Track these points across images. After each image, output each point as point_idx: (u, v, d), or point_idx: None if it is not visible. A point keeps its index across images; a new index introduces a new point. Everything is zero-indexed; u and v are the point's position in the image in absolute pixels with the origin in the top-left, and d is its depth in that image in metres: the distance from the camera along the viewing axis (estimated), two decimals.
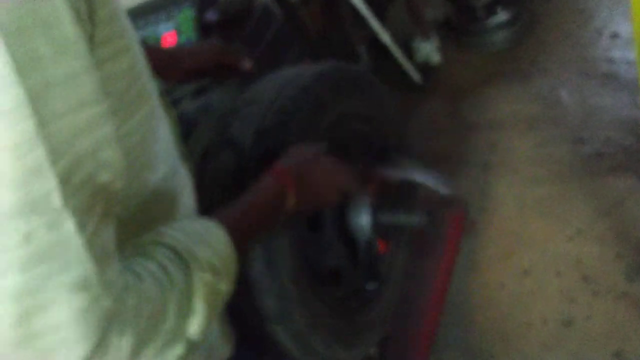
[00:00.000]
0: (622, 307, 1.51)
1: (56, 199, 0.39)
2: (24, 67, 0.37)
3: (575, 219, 1.78)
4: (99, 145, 0.43)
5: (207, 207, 0.95)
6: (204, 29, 1.43)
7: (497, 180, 2.05)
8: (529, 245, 1.80)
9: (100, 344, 0.43)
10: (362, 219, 1.08)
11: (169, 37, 1.49)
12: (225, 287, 0.57)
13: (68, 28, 0.40)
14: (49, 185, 0.39)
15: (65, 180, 0.40)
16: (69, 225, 0.40)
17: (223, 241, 0.59)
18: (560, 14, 2.51)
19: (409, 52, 2.59)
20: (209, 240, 0.57)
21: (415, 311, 1.73)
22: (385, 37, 2.38)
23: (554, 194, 1.88)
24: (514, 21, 2.48)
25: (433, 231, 1.88)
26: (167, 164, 0.63)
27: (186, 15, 1.45)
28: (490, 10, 2.43)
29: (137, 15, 1.58)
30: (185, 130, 1.38)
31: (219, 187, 0.92)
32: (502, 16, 2.45)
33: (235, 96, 1.35)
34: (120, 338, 0.44)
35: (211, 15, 1.38)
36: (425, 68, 2.64)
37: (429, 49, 2.51)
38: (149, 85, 0.57)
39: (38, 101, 0.38)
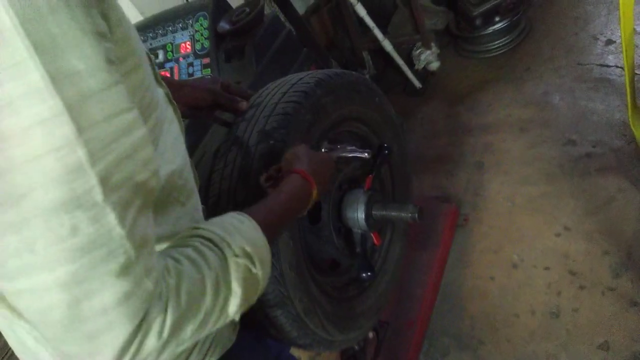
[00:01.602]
0: (608, 301, 1.52)
1: (98, 195, 0.42)
2: (59, 81, 0.40)
3: (564, 217, 1.79)
4: (136, 146, 0.46)
5: (216, 200, 0.99)
6: (217, 37, 1.47)
7: (490, 179, 2.07)
8: (518, 241, 1.81)
9: (142, 324, 0.45)
10: (357, 213, 1.12)
11: (185, 46, 1.54)
12: (260, 272, 0.58)
13: (95, 45, 0.43)
14: (90, 183, 0.42)
15: (105, 179, 0.43)
16: (111, 218, 0.43)
17: (255, 231, 0.61)
18: (556, 21, 2.51)
19: (410, 59, 2.62)
20: (242, 230, 0.59)
21: (411, 300, 1.75)
22: (387, 45, 2.41)
23: (544, 192, 1.89)
24: (511, 29, 2.48)
25: (428, 226, 1.91)
26: (181, 156, 0.67)
27: (201, 24, 1.49)
28: (488, 19, 2.44)
29: (154, 24, 1.63)
30: (200, 130, 1.43)
31: (227, 181, 0.95)
32: (499, 24, 2.45)
33: None
34: (161, 316, 0.46)
35: (224, 25, 1.42)
36: (425, 74, 2.66)
37: (429, 56, 2.52)
38: (155, 92, 0.60)
39: (74, 110, 0.41)
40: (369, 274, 1.09)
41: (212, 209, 0.98)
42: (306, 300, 0.98)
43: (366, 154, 1.03)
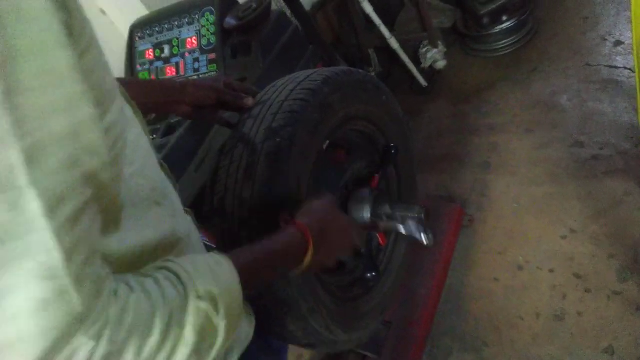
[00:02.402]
0: (614, 305, 1.51)
1: (21, 176, 0.35)
2: None
3: (570, 219, 1.77)
4: (80, 127, 0.39)
5: (221, 197, 0.98)
6: (223, 33, 1.46)
7: (496, 180, 2.05)
8: (524, 243, 1.80)
9: (63, 345, 0.37)
10: (363, 213, 1.11)
11: (191, 41, 1.53)
12: (222, 323, 0.50)
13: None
14: (12, 159, 0.34)
15: (33, 158, 0.35)
16: (34, 207, 0.35)
17: (231, 277, 0.54)
18: (565, 21, 2.48)
19: (416, 57, 2.60)
20: (216, 273, 0.53)
21: (414, 300, 1.74)
22: (394, 43, 2.39)
23: (550, 194, 1.88)
24: (519, 28, 2.46)
25: (432, 226, 1.89)
26: (141, 156, 0.60)
27: (207, 19, 1.48)
28: (495, 18, 2.42)
29: (161, 18, 1.62)
30: (204, 126, 1.42)
31: (233, 179, 0.95)
32: (506, 23, 2.43)
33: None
34: (91, 344, 0.38)
35: (230, 21, 1.41)
36: (431, 73, 2.64)
37: (435, 55, 2.50)
38: (115, 82, 0.52)
39: (4, 68, 0.33)
40: (374, 274, 1.09)
41: (218, 206, 0.98)
42: (311, 300, 0.97)
43: (425, 241, 1.00)
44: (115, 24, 1.88)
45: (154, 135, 1.44)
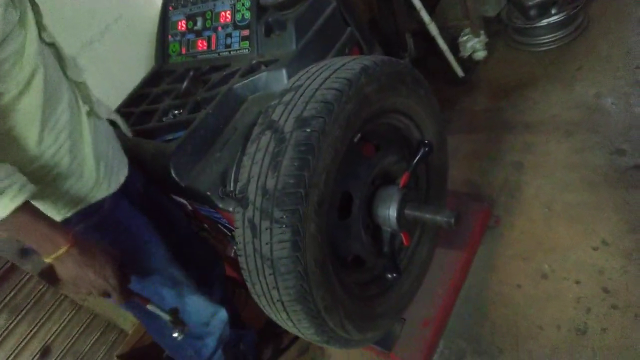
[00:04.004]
0: None
1: None
2: None
3: (602, 230, 1.69)
4: None
5: (244, 184, 0.95)
6: (259, 9, 1.40)
7: (528, 181, 1.97)
8: (551, 250, 1.73)
9: None
10: (389, 211, 1.06)
11: (225, 15, 1.48)
12: None
13: None
14: None
15: None
16: None
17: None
18: (617, 19, 2.33)
19: (454, 45, 2.49)
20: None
21: (430, 298, 1.70)
22: (433, 29, 2.29)
23: (585, 202, 1.80)
24: (567, 23, 2.33)
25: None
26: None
27: None
28: (544, 10, 2.29)
29: None
30: (232, 103, 1.38)
31: (258, 166, 0.91)
32: (555, 17, 2.30)
33: (280, 77, 1.34)
34: None
35: None
36: (469, 63, 2.53)
37: (476, 44, 2.39)
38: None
39: None
40: (394, 275, 1.05)
41: (241, 193, 0.95)
42: (328, 297, 0.94)
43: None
44: None
45: (180, 111, 1.42)
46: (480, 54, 2.46)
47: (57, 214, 0.99)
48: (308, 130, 0.89)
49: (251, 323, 1.81)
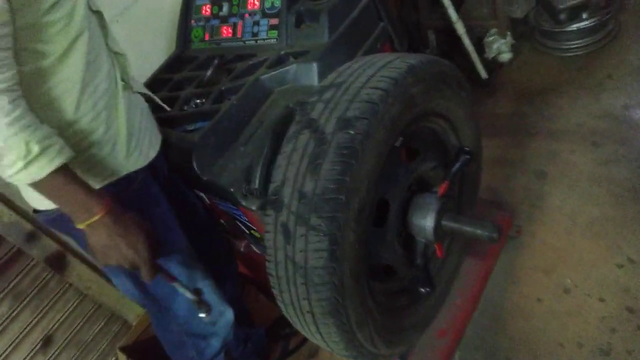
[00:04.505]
0: None
1: None
2: None
3: (628, 247, 1.64)
4: None
5: (277, 186, 0.89)
6: None
7: (551, 192, 1.91)
8: (574, 265, 1.68)
9: None
10: (426, 221, 1.00)
11: (253, 1, 1.41)
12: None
13: None
14: None
15: None
16: None
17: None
18: None
19: (479, 45, 2.42)
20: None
21: (448, 307, 1.65)
22: (460, 27, 2.21)
23: (610, 216, 1.74)
24: (598, 29, 2.26)
25: None
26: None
27: None
28: (575, 15, 2.22)
29: None
30: (259, 95, 1.31)
31: (295, 168, 0.85)
32: (585, 22, 2.23)
33: (310, 71, 1.27)
34: None
35: None
36: (493, 64, 2.46)
37: (502, 46, 2.32)
38: None
39: None
40: (427, 289, 0.99)
41: (273, 196, 0.89)
42: (361, 311, 0.89)
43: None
44: None
45: (204, 100, 1.35)
46: (506, 56, 2.39)
47: None
48: (352, 132, 0.82)
49: (260, 321, 1.76)
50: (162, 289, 1.17)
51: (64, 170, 0.82)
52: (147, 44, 1.70)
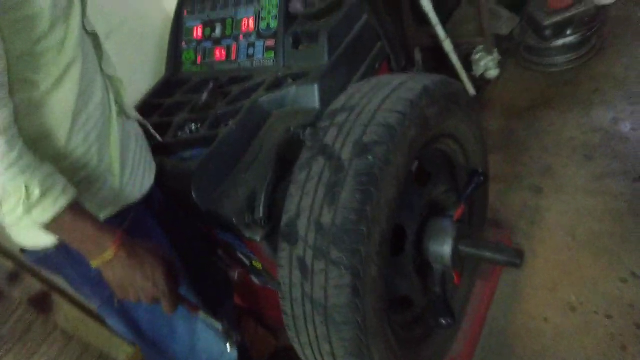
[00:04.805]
0: None
1: None
2: None
3: (630, 262, 1.63)
4: None
5: (291, 217, 0.83)
6: (287, 18, 1.30)
7: (548, 207, 1.90)
8: (578, 281, 1.66)
9: None
10: (444, 247, 0.96)
11: (247, 23, 1.37)
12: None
13: None
14: None
15: None
16: None
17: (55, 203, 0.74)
18: (633, 42, 2.31)
19: (467, 62, 2.43)
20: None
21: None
22: (448, 45, 2.22)
23: (609, 231, 1.73)
24: (582, 44, 2.29)
25: None
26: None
27: (270, 1, 1.32)
28: (560, 30, 2.25)
29: None
30: (257, 119, 1.26)
31: (310, 198, 0.80)
32: (570, 37, 2.26)
33: (310, 93, 1.23)
34: None
35: (297, 5, 1.25)
36: (480, 81, 2.47)
37: (489, 62, 2.33)
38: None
39: None
40: (448, 320, 0.94)
41: (287, 228, 0.83)
42: (384, 348, 0.83)
43: None
44: None
45: (199, 125, 1.29)
46: (493, 73, 2.40)
47: None
48: (370, 158, 0.78)
49: (260, 354, 1.68)
50: (160, 330, 1.10)
51: (70, 207, 0.76)
52: (136, 68, 1.63)
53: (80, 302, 1.60)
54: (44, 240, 0.89)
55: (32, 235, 0.90)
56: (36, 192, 0.71)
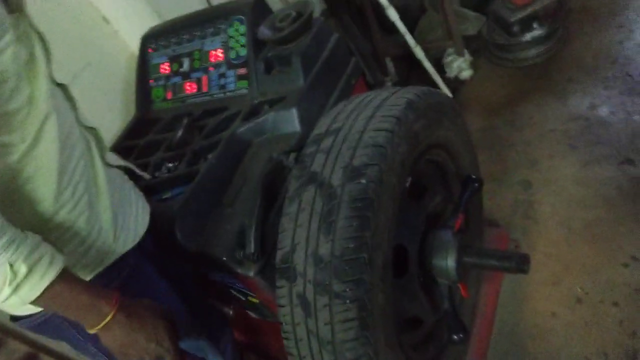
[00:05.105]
0: None
1: None
2: None
3: (629, 245, 1.62)
4: None
5: (287, 252, 0.79)
6: (255, 45, 1.27)
7: (540, 200, 1.89)
8: (580, 272, 1.64)
9: None
10: (447, 261, 0.92)
11: (215, 54, 1.33)
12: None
13: None
14: None
15: None
16: None
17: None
18: (597, 29, 2.35)
19: (439, 66, 2.44)
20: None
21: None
22: (419, 52, 2.22)
23: (604, 217, 1.72)
24: (549, 36, 2.32)
25: None
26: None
27: (236, 29, 1.29)
28: (526, 26, 2.27)
29: (178, 29, 1.42)
30: (238, 150, 1.22)
31: (305, 231, 0.76)
32: (537, 31, 2.28)
33: (289, 117, 1.20)
34: None
35: (266, 31, 1.22)
36: (454, 83, 2.49)
37: (461, 64, 2.35)
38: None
39: None
40: (460, 335, 0.90)
41: (284, 264, 0.78)
42: None
43: None
44: (119, 32, 1.67)
45: (176, 163, 1.24)
46: (467, 73, 2.42)
47: None
48: (363, 181, 0.74)
49: None
50: None
51: (59, 277, 0.72)
52: (103, 112, 1.58)
53: (70, 358, 1.52)
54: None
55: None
56: (22, 269, 0.67)
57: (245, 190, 1.14)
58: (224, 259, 1.04)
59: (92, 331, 0.78)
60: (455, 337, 0.90)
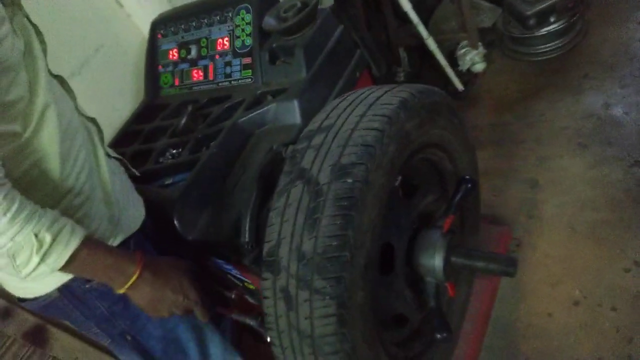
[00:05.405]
0: None
1: None
2: None
3: (633, 250, 1.59)
4: None
5: (273, 246, 0.80)
6: (261, 34, 1.27)
7: (546, 199, 1.87)
8: (581, 274, 1.62)
9: None
10: (434, 260, 0.93)
11: (222, 42, 1.34)
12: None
13: None
14: None
15: None
16: None
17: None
18: (617, 25, 2.28)
19: (452, 58, 2.40)
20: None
21: (459, 333, 1.57)
22: (432, 43, 2.19)
23: (609, 220, 1.70)
24: (567, 30, 2.26)
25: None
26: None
27: (242, 18, 1.29)
28: (543, 19, 2.21)
29: (187, 15, 1.42)
30: (239, 140, 1.23)
31: (290, 226, 0.77)
32: (554, 25, 2.23)
33: (291, 109, 1.21)
34: None
35: (271, 21, 1.21)
36: (467, 76, 2.44)
37: (475, 57, 2.30)
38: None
39: None
40: (444, 334, 0.91)
41: (269, 257, 0.80)
42: None
43: None
44: (132, 17, 1.68)
45: (180, 150, 1.26)
46: (480, 66, 2.37)
47: None
48: (349, 180, 0.75)
49: None
50: (174, 356, 1.09)
51: (83, 244, 0.76)
52: (113, 95, 1.60)
53: (78, 331, 1.58)
54: (45, 287, 0.89)
55: (32, 285, 0.89)
56: (47, 238, 0.71)
57: (244, 180, 1.16)
58: (221, 246, 1.07)
59: (120, 291, 0.82)
60: (439, 335, 0.90)
